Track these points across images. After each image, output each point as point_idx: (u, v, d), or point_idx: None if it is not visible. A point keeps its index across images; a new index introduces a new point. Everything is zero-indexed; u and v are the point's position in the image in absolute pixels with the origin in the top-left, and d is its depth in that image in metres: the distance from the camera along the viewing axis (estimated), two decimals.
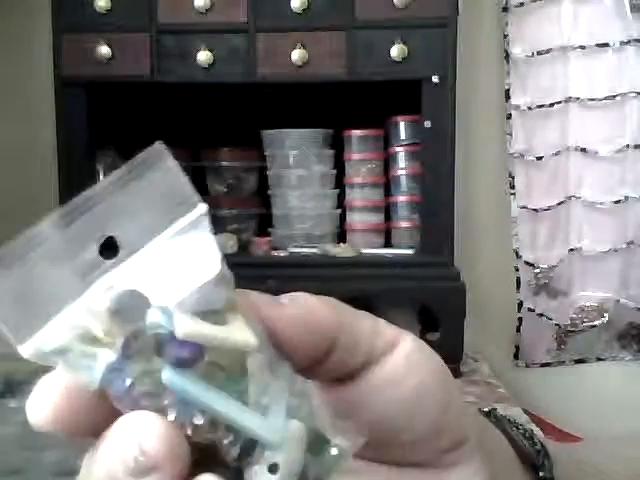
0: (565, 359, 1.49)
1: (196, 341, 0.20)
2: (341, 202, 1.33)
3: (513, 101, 1.43)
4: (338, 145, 1.33)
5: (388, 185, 1.32)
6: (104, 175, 1.30)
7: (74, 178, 1.21)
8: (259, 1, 1.17)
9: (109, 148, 1.30)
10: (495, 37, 1.45)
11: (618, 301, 1.43)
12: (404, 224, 1.29)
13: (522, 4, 1.40)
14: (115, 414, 0.20)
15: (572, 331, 1.46)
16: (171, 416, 0.20)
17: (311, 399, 0.22)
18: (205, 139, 1.39)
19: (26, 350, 0.20)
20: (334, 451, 0.22)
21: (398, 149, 1.29)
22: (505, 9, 1.42)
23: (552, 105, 1.41)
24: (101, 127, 1.26)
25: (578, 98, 1.39)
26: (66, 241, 0.20)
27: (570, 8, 1.38)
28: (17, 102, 1.49)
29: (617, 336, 1.48)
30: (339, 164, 1.33)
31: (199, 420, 0.20)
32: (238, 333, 0.21)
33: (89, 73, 1.19)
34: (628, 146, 1.39)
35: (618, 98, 1.38)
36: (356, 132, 1.30)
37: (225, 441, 0.20)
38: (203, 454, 0.21)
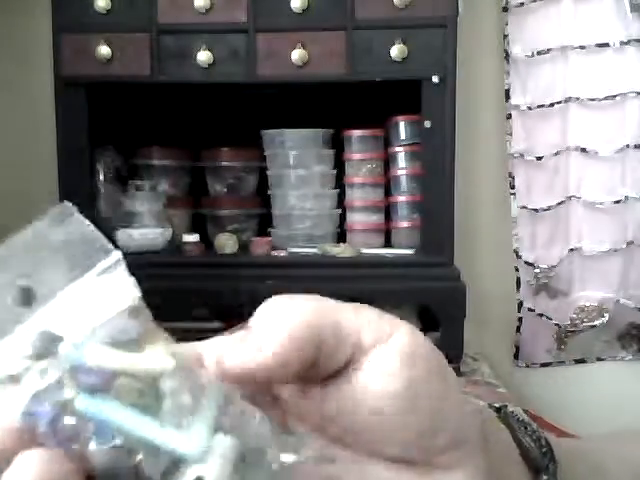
0: (565, 359, 1.49)
1: (105, 367, 0.21)
2: (341, 202, 1.33)
3: (513, 101, 1.43)
4: (338, 145, 1.33)
5: (388, 185, 1.32)
6: (104, 175, 1.30)
7: (74, 178, 1.21)
8: (259, 1, 1.17)
9: (109, 148, 1.30)
10: (495, 37, 1.45)
11: (618, 301, 1.43)
12: (404, 224, 1.29)
13: (522, 4, 1.40)
14: None
15: (572, 331, 1.46)
16: (92, 445, 0.20)
17: (252, 417, 0.22)
18: (205, 139, 1.39)
19: None
20: (275, 466, 0.22)
21: (398, 149, 1.29)
22: (505, 9, 1.42)
23: (552, 105, 1.41)
24: (101, 127, 1.26)
25: (578, 98, 1.39)
26: None
27: (570, 8, 1.38)
28: (17, 102, 1.48)
29: (617, 336, 1.48)
30: (339, 164, 1.33)
31: (119, 441, 0.20)
32: (152, 359, 0.21)
33: (89, 73, 1.19)
34: (628, 146, 1.39)
35: (618, 98, 1.38)
36: (356, 132, 1.30)
37: (147, 462, 0.20)
38: None
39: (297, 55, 1.16)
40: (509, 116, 1.43)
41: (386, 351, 0.25)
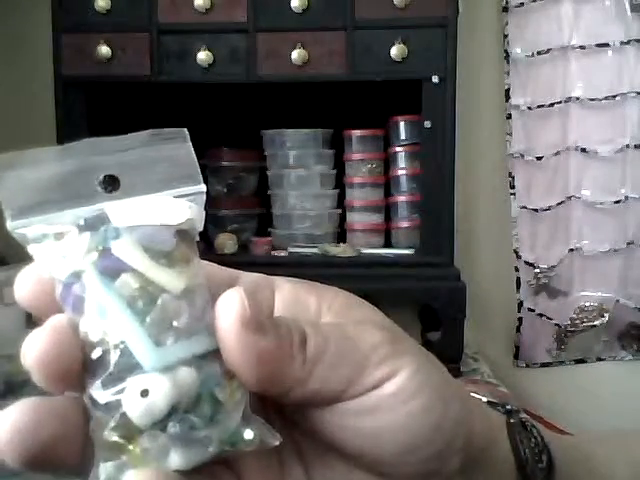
0: (565, 359, 1.49)
1: (124, 259, 0.22)
2: (341, 202, 1.33)
3: (513, 101, 1.43)
4: (338, 145, 1.32)
5: (388, 185, 1.32)
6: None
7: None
8: (259, 1, 1.17)
9: None
10: (495, 37, 1.45)
11: (618, 301, 1.43)
12: (404, 224, 1.29)
13: (522, 4, 1.40)
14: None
15: (572, 331, 1.46)
16: (84, 320, 0.22)
17: (234, 386, 0.23)
18: (205, 139, 1.39)
19: (13, 226, 0.23)
20: (248, 434, 0.23)
21: (398, 149, 1.29)
22: (505, 9, 1.42)
23: (552, 105, 1.41)
24: (101, 127, 1.26)
25: (578, 98, 1.39)
26: (81, 165, 0.23)
27: (570, 8, 1.38)
28: (17, 102, 1.48)
29: (617, 336, 1.48)
30: (339, 164, 1.33)
31: (101, 329, 0.22)
32: (168, 275, 0.23)
33: (89, 73, 1.19)
34: (628, 146, 1.39)
35: (618, 98, 1.38)
36: (356, 132, 1.30)
37: (111, 358, 0.22)
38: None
39: (297, 55, 1.16)
40: (509, 116, 1.43)
41: (384, 392, 0.24)
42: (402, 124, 1.29)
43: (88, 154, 0.24)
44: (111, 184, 0.24)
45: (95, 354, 0.22)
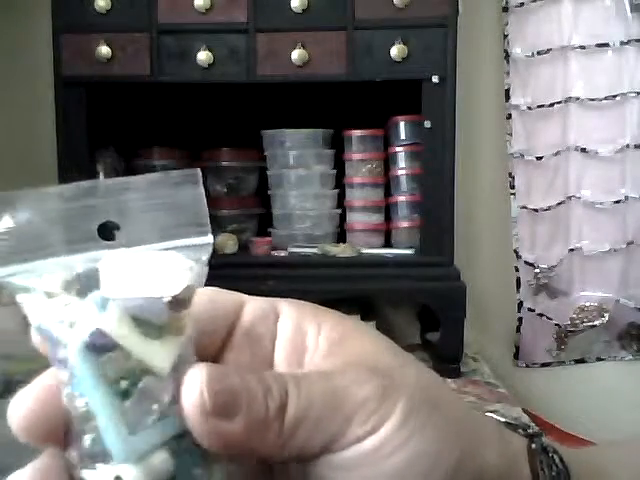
0: (565, 359, 1.49)
1: (112, 335, 0.21)
2: (341, 202, 1.33)
3: (513, 101, 1.43)
4: (338, 145, 1.32)
5: (388, 185, 1.32)
6: (104, 175, 1.30)
7: (74, 178, 1.21)
8: (259, 1, 1.17)
9: (109, 148, 1.30)
10: (495, 37, 1.45)
11: (618, 301, 1.43)
12: (404, 224, 1.29)
13: (522, 4, 1.40)
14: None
15: (572, 331, 1.46)
16: (67, 389, 0.22)
17: (213, 465, 0.23)
18: (205, 139, 1.39)
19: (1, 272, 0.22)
20: None
21: (398, 149, 1.29)
22: (505, 9, 1.42)
23: (552, 105, 1.41)
24: (101, 127, 1.26)
25: (578, 98, 1.39)
26: (79, 209, 0.23)
27: (570, 8, 1.38)
28: (17, 102, 1.48)
29: (617, 336, 1.48)
30: (339, 164, 1.33)
31: (81, 404, 0.21)
32: (156, 353, 0.22)
33: (89, 73, 1.19)
34: (628, 146, 1.39)
35: (618, 98, 1.38)
36: (356, 132, 1.30)
37: (86, 436, 0.21)
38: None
39: (297, 55, 1.16)
40: (509, 116, 1.43)
41: (365, 447, 0.24)
42: (402, 124, 1.29)
43: (89, 196, 0.23)
44: (110, 231, 0.23)
45: (76, 424, 0.22)
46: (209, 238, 0.23)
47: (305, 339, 0.26)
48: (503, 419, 0.31)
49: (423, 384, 0.26)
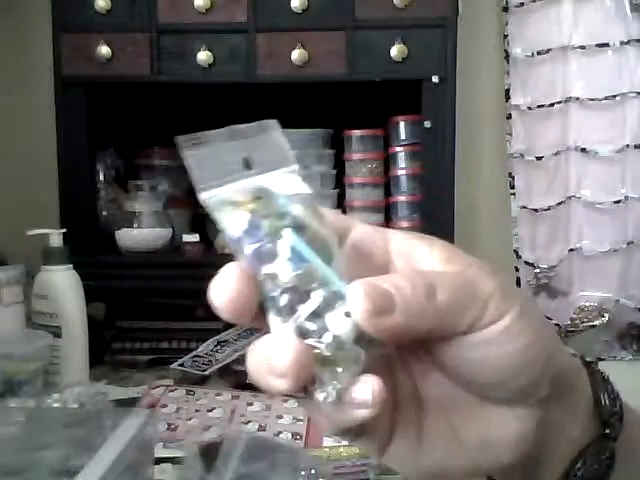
0: None
1: (304, 221, 0.29)
2: (341, 202, 1.33)
3: (513, 101, 1.43)
4: (338, 145, 1.33)
5: (388, 185, 1.32)
6: (104, 175, 1.30)
7: (74, 178, 1.22)
8: (259, 1, 1.17)
9: (109, 149, 1.30)
10: (495, 37, 1.45)
11: (618, 301, 1.43)
12: (404, 224, 1.29)
13: (522, 4, 1.41)
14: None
15: (572, 331, 1.46)
16: (285, 265, 0.28)
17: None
18: None
19: (203, 196, 0.29)
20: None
21: (398, 149, 1.29)
22: (505, 9, 1.42)
23: (552, 105, 1.41)
24: (101, 127, 1.26)
25: (578, 98, 1.39)
26: (227, 148, 0.31)
27: (570, 8, 1.38)
28: (17, 102, 1.49)
29: (617, 336, 1.48)
30: (339, 164, 1.33)
31: (300, 272, 0.28)
32: (327, 228, 0.30)
33: (89, 73, 1.19)
34: (628, 146, 1.39)
35: (618, 98, 1.38)
36: (356, 132, 1.30)
37: (314, 293, 0.28)
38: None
39: (297, 55, 1.16)
40: (509, 116, 1.44)
41: (498, 328, 0.29)
42: (402, 124, 1.29)
43: (229, 139, 0.31)
44: (248, 163, 0.31)
45: (296, 296, 0.28)
46: (296, 166, 0.33)
47: (419, 256, 0.32)
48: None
49: (524, 294, 0.32)
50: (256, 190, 0.30)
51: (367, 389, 0.27)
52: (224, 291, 0.28)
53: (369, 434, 0.30)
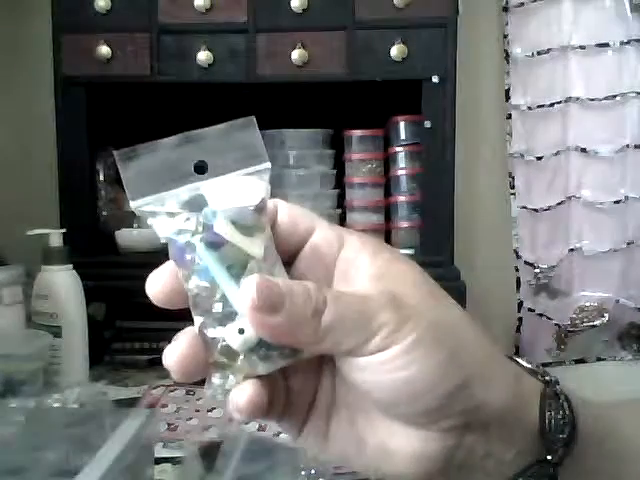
0: (565, 359, 1.49)
1: (223, 236, 0.30)
2: (341, 202, 1.33)
3: (513, 101, 1.43)
4: (338, 145, 1.33)
5: (388, 185, 1.32)
6: (104, 175, 1.30)
7: (74, 178, 1.22)
8: (259, 1, 1.17)
9: (109, 148, 1.30)
10: (495, 37, 1.45)
11: (618, 301, 1.43)
12: (404, 224, 1.29)
13: (522, 4, 1.41)
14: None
15: (572, 331, 1.46)
16: (192, 280, 0.31)
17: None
18: None
19: (134, 205, 0.31)
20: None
21: (398, 149, 1.29)
22: (505, 9, 1.42)
23: (552, 105, 1.41)
24: (101, 127, 1.26)
25: (578, 98, 1.39)
26: (178, 155, 0.32)
27: (570, 8, 1.38)
28: (17, 102, 1.49)
29: (617, 336, 1.48)
30: (339, 164, 1.33)
31: (206, 285, 0.30)
32: (252, 244, 0.31)
33: (89, 73, 1.19)
34: (628, 146, 1.39)
35: (618, 98, 1.38)
36: (356, 132, 1.30)
37: (216, 304, 0.30)
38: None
39: (297, 55, 1.16)
40: (509, 116, 1.44)
41: (393, 353, 0.30)
42: (402, 124, 1.29)
43: (183, 144, 0.32)
44: (201, 168, 0.32)
45: (202, 301, 0.30)
46: (267, 164, 0.33)
47: (356, 267, 0.33)
48: (528, 365, 0.35)
49: (440, 321, 0.31)
50: (188, 200, 0.31)
51: (241, 396, 0.30)
52: (157, 282, 0.32)
53: (279, 422, 0.33)
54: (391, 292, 0.31)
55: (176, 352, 0.31)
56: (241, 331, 0.30)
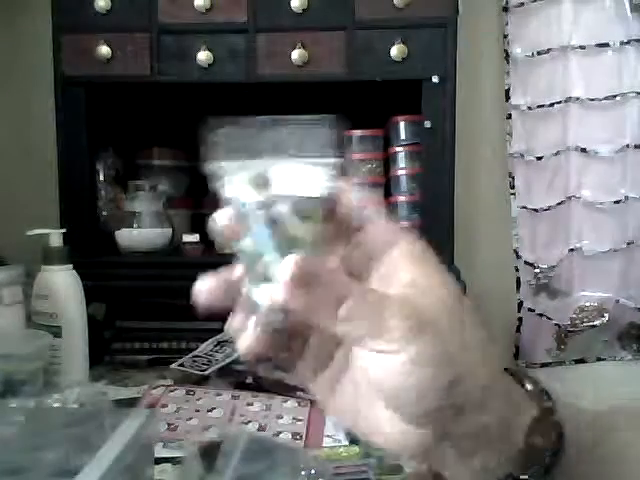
0: (565, 359, 1.49)
1: (280, 218, 0.33)
2: None
3: (513, 101, 1.43)
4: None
5: (388, 185, 1.32)
6: (104, 175, 1.30)
7: (74, 178, 1.22)
8: (259, 1, 1.17)
9: (109, 149, 1.30)
10: (495, 37, 1.45)
11: (618, 301, 1.43)
12: (404, 224, 1.29)
13: (522, 4, 1.41)
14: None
15: (572, 331, 1.46)
16: (247, 239, 0.35)
17: None
18: None
19: (216, 165, 0.35)
20: None
21: (398, 149, 1.29)
22: (505, 9, 1.42)
23: (552, 105, 1.41)
24: (101, 127, 1.26)
25: (578, 98, 1.39)
26: (260, 133, 0.36)
27: (570, 8, 1.38)
28: (17, 102, 1.49)
29: (617, 336, 1.48)
30: None
31: (254, 249, 0.34)
32: (305, 232, 0.34)
33: (89, 73, 1.19)
34: (628, 146, 1.39)
35: (618, 98, 1.38)
36: (356, 132, 1.30)
37: (258, 267, 0.34)
38: None
39: (297, 55, 1.16)
40: (509, 116, 1.44)
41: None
42: (402, 124, 1.29)
43: (268, 125, 0.36)
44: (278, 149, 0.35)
45: (245, 259, 0.35)
46: (337, 160, 0.35)
47: (400, 268, 0.35)
48: (530, 387, 0.38)
49: (450, 341, 0.33)
50: (257, 174, 0.35)
51: (245, 339, 0.35)
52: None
53: (298, 364, 0.38)
54: (412, 302, 0.33)
55: (209, 278, 0.37)
56: (269, 296, 0.33)
